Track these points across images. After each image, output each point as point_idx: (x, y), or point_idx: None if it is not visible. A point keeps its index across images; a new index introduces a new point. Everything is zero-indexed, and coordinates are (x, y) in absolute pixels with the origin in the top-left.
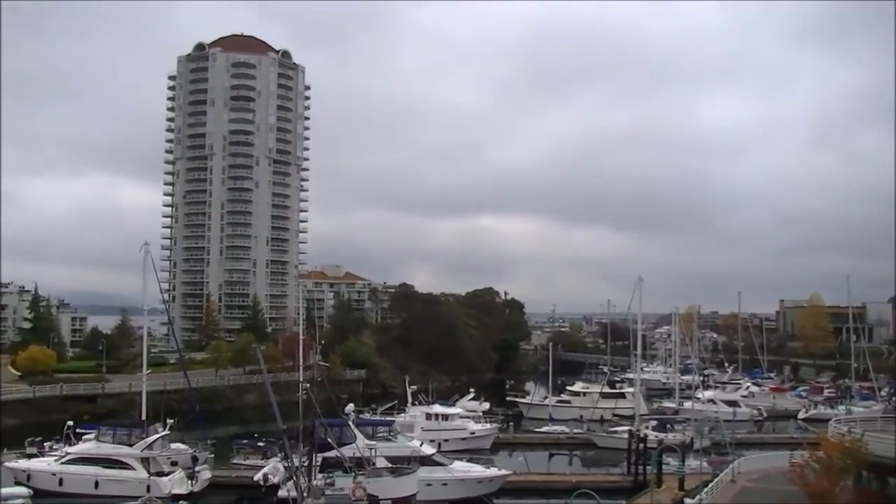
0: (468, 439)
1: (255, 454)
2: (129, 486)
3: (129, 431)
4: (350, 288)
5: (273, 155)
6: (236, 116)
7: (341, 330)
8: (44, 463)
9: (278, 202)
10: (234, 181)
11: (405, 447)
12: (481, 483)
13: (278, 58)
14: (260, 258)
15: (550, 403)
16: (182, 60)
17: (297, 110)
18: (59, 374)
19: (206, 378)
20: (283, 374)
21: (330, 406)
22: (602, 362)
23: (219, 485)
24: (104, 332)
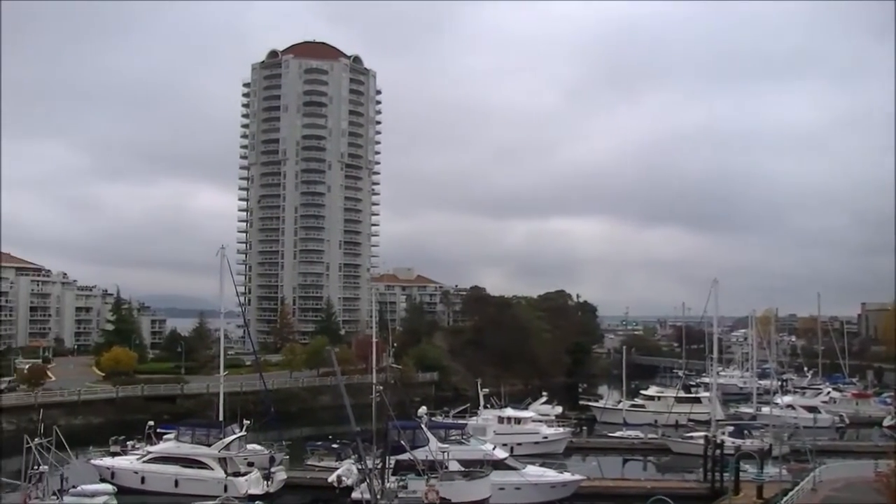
0: (541, 443)
1: (328, 456)
2: (207, 486)
3: (208, 432)
4: (422, 291)
5: (345, 159)
6: (309, 122)
7: (413, 333)
8: (127, 461)
9: (350, 206)
10: (307, 186)
11: (478, 451)
12: (554, 488)
13: (349, 63)
14: (333, 262)
15: (624, 408)
16: (256, 68)
17: (369, 115)
18: (141, 374)
19: (281, 380)
20: (356, 377)
21: (402, 408)
22: (676, 366)
23: (294, 486)
24: (182, 335)
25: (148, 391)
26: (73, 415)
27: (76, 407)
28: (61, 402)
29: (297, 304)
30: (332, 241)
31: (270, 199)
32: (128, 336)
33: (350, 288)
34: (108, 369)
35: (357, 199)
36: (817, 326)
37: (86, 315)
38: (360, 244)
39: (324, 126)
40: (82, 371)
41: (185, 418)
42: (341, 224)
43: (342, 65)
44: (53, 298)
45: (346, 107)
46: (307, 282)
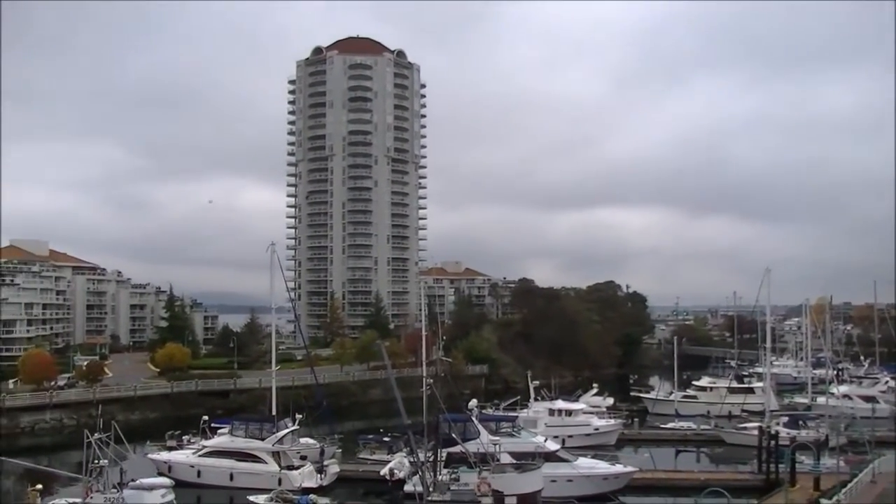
0: (592, 435)
1: (380, 449)
2: (261, 479)
3: (261, 426)
4: (470, 284)
5: (391, 154)
6: (354, 117)
7: (462, 326)
8: (183, 455)
9: (397, 200)
10: (354, 181)
11: (529, 443)
12: (607, 480)
13: (394, 58)
14: (381, 256)
15: (676, 399)
16: (301, 64)
17: (414, 109)
18: (194, 370)
19: (332, 374)
20: (406, 370)
21: (453, 402)
22: (729, 356)
23: (346, 479)
24: (234, 330)
25: (202, 386)
26: (130, 410)
27: (133, 402)
28: (118, 397)
29: (346, 299)
30: (379, 235)
31: (318, 194)
32: (181, 332)
33: (398, 282)
34: (162, 365)
35: (404, 193)
36: (874, 314)
37: (140, 312)
38: (408, 238)
39: (369, 121)
40: (138, 367)
41: (238, 413)
42: (389, 218)
43: (386, 59)
44: (109, 296)
45: (391, 101)
46: (356, 276)
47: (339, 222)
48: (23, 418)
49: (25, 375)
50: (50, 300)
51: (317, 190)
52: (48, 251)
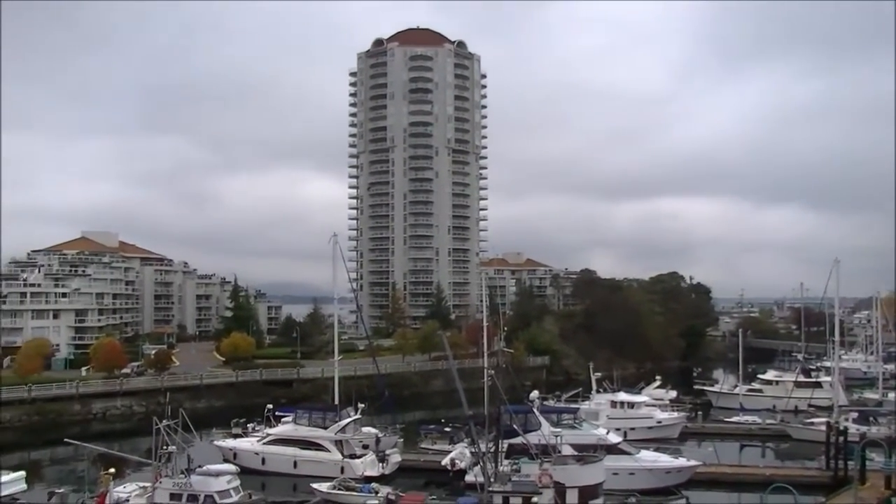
0: (655, 428)
1: (442, 439)
2: (324, 468)
3: (324, 415)
4: (531, 275)
5: (452, 145)
6: (415, 109)
7: (524, 317)
8: (248, 443)
9: (458, 191)
10: (415, 172)
11: (591, 435)
12: (669, 473)
13: (454, 49)
14: (442, 247)
15: (741, 392)
16: (361, 57)
17: (474, 99)
18: (258, 359)
19: (394, 364)
20: (467, 361)
21: (514, 393)
22: (795, 349)
23: (408, 468)
24: (298, 321)
25: (266, 375)
26: (196, 398)
27: (199, 390)
28: (185, 385)
29: (407, 290)
30: (440, 226)
31: (379, 186)
32: (246, 322)
33: (459, 273)
34: (227, 354)
35: (465, 183)
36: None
37: (206, 302)
38: (469, 229)
39: (430, 112)
40: (204, 356)
41: (301, 402)
42: (450, 209)
43: (446, 50)
44: (176, 287)
45: (451, 92)
46: (417, 267)
47: (401, 213)
48: (95, 404)
49: (97, 363)
50: (120, 290)
51: (378, 181)
52: (118, 243)
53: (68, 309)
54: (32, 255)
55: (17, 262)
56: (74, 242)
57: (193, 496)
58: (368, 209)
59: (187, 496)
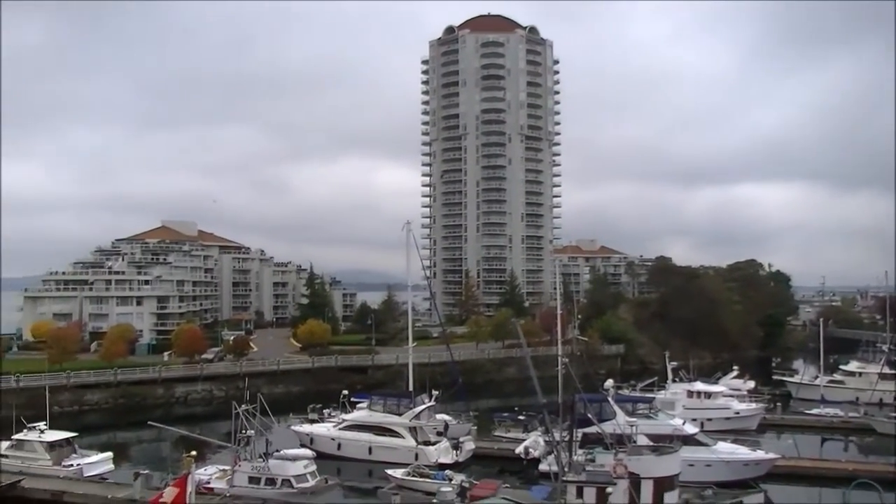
0: (732, 419)
1: (515, 427)
2: (399, 454)
3: (398, 401)
4: (605, 262)
5: (525, 131)
6: (488, 95)
7: (598, 304)
8: (324, 428)
9: (531, 178)
10: (487, 159)
11: (667, 425)
12: (747, 466)
13: (525, 34)
14: (515, 234)
15: (822, 384)
16: (433, 44)
17: (547, 85)
18: (334, 346)
19: (467, 351)
20: (540, 349)
21: (588, 381)
22: (880, 340)
23: (481, 456)
24: (372, 308)
25: (341, 362)
26: (274, 383)
27: (276, 376)
28: (263, 371)
29: (480, 277)
30: (514, 213)
31: (452, 173)
32: (321, 309)
33: (533, 260)
34: (304, 341)
35: (538, 170)
36: None
37: (282, 290)
38: (542, 216)
39: (502, 99)
40: (281, 342)
41: (376, 388)
42: (523, 196)
43: (518, 36)
44: (253, 274)
45: (523, 78)
46: (490, 254)
47: (474, 201)
48: (177, 388)
49: (178, 348)
50: (199, 278)
51: (451, 169)
52: (197, 231)
53: (151, 296)
54: (116, 243)
55: (102, 250)
56: (155, 231)
57: (271, 479)
58: (441, 196)
59: (265, 479)
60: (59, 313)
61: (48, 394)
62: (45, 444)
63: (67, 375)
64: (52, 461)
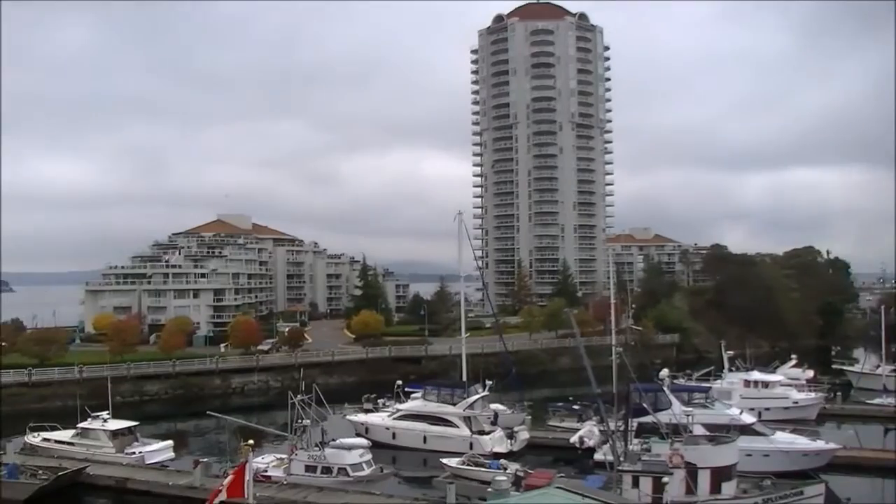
0: (790, 409)
1: (570, 417)
2: (453, 443)
3: (452, 391)
4: (659, 250)
5: (576, 119)
6: (538, 84)
7: (652, 293)
8: (379, 418)
9: (583, 166)
10: (538, 148)
11: (723, 415)
12: (807, 456)
13: (575, 21)
14: (568, 223)
15: (884, 373)
16: (482, 33)
17: (597, 72)
18: (387, 337)
19: (521, 341)
20: (594, 338)
21: (643, 371)
22: None
23: (536, 445)
24: (425, 298)
25: (395, 353)
26: (328, 374)
27: (331, 367)
28: (318, 362)
29: (533, 267)
30: (566, 202)
31: (503, 163)
32: (374, 300)
33: (586, 249)
34: (357, 332)
35: (590, 158)
36: None
37: (336, 281)
38: (595, 204)
39: (552, 87)
40: (335, 333)
41: (429, 378)
42: (575, 185)
43: (568, 24)
44: (307, 266)
45: (574, 66)
46: (543, 244)
47: (525, 190)
48: (234, 379)
49: (235, 340)
50: (254, 270)
51: (502, 158)
52: (251, 225)
53: (207, 288)
54: (173, 237)
55: (159, 244)
56: (211, 225)
57: (327, 468)
58: (493, 186)
59: (321, 468)
60: (119, 306)
61: (110, 384)
62: (109, 432)
63: (128, 366)
64: (115, 449)
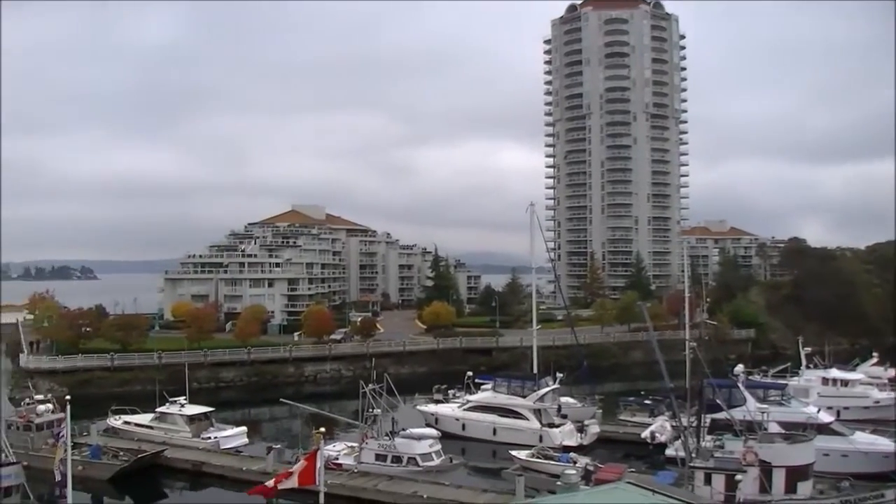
0: (871, 408)
1: (641, 412)
2: (523, 436)
3: (522, 384)
4: (735, 243)
5: (650, 109)
6: (612, 74)
7: (727, 287)
8: (449, 409)
9: (657, 157)
10: (612, 139)
11: (800, 413)
12: (888, 458)
13: (650, 10)
14: (641, 215)
15: None
16: (555, 23)
17: (673, 61)
18: (458, 328)
19: (592, 334)
20: (667, 333)
21: (717, 366)
22: None
23: (606, 440)
24: (496, 290)
25: (465, 344)
26: (400, 364)
27: (402, 357)
28: (389, 352)
29: (606, 259)
30: (639, 194)
31: (576, 154)
32: (446, 291)
33: (660, 241)
34: (429, 322)
35: (664, 149)
36: None
37: (407, 272)
38: (669, 196)
39: (627, 77)
40: (406, 324)
41: (500, 370)
42: (649, 176)
43: (642, 12)
44: (379, 257)
45: (648, 55)
46: (616, 236)
47: (598, 181)
48: (307, 368)
49: (308, 329)
50: (327, 260)
51: (575, 149)
52: (325, 215)
53: (281, 278)
54: (249, 227)
55: (235, 234)
56: (285, 215)
57: (397, 457)
58: (565, 178)
59: (392, 457)
60: (197, 294)
61: (187, 370)
62: (186, 417)
63: (205, 353)
64: (191, 433)
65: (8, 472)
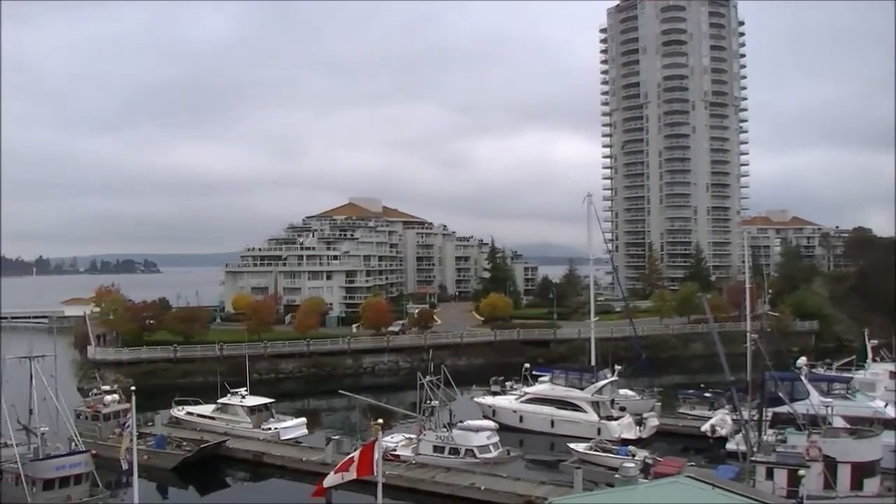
0: None
1: (701, 405)
2: (580, 428)
3: (580, 376)
4: (798, 233)
5: (709, 98)
6: (669, 62)
7: (789, 278)
8: (506, 401)
9: (717, 146)
10: (670, 128)
11: (866, 407)
12: None
13: None
14: (700, 205)
15: None
16: (611, 12)
17: (732, 48)
18: (516, 319)
19: (651, 326)
20: (728, 324)
21: (779, 359)
22: None
23: (665, 433)
24: (554, 281)
25: (523, 335)
26: (457, 356)
27: (459, 348)
28: (446, 343)
29: (664, 250)
30: (698, 183)
31: (634, 143)
32: (503, 283)
33: (719, 232)
34: (486, 314)
35: (723, 138)
36: None
37: (464, 264)
38: (729, 185)
39: (685, 65)
40: (463, 316)
41: (558, 362)
42: (708, 166)
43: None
44: (436, 249)
45: (706, 42)
46: (674, 227)
47: (656, 171)
48: (365, 359)
49: (366, 321)
50: (385, 253)
51: (632, 139)
52: (381, 208)
53: (339, 270)
54: (307, 220)
55: (294, 227)
56: (343, 208)
57: (455, 449)
58: (623, 168)
59: (449, 449)
60: (257, 287)
61: (248, 362)
62: (247, 408)
63: (265, 345)
64: (252, 424)
65: (77, 460)
